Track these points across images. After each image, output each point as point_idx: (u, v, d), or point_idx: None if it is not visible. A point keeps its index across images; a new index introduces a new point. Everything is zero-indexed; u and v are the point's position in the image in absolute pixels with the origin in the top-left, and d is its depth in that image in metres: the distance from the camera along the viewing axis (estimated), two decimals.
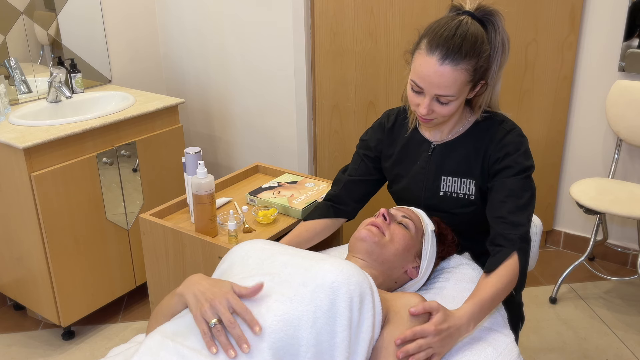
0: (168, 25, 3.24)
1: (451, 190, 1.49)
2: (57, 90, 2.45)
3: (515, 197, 1.38)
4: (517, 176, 1.40)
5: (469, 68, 1.31)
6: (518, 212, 1.38)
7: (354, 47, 2.80)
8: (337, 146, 3.01)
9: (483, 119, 1.47)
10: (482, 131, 1.46)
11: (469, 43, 1.30)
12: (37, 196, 2.10)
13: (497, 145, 1.43)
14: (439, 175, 1.50)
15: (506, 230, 1.36)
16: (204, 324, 1.06)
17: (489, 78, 1.40)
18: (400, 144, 1.57)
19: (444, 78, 1.31)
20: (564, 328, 2.40)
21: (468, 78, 1.33)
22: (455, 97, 1.34)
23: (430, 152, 1.51)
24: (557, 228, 3.00)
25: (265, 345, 1.03)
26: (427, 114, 1.37)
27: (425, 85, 1.34)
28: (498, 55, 1.38)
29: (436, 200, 1.51)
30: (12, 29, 2.50)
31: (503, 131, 1.44)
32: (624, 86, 2.54)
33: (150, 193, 2.53)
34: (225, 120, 3.28)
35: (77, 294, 2.32)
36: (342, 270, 1.12)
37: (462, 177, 1.48)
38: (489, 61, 1.37)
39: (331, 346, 1.08)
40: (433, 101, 1.35)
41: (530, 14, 2.60)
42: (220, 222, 1.84)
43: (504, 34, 1.38)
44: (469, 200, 1.48)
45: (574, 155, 2.83)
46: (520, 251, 1.34)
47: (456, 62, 1.30)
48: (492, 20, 1.38)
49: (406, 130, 1.56)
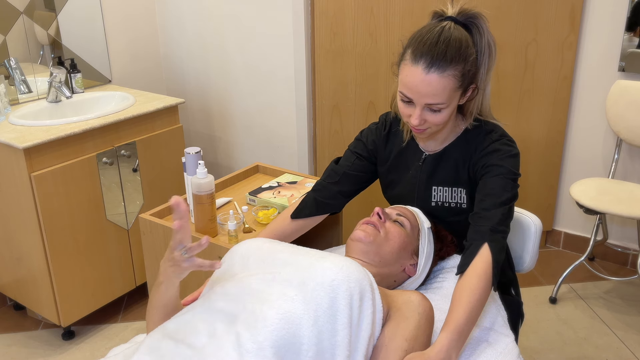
0: (168, 25, 3.24)
1: (442, 200, 1.49)
2: (57, 90, 2.45)
3: (494, 195, 1.35)
4: (499, 176, 1.37)
5: (456, 74, 1.29)
6: (493, 209, 1.33)
7: (354, 47, 2.80)
8: (337, 146, 3.01)
9: (473, 128, 1.45)
10: (469, 140, 1.45)
11: (454, 48, 1.28)
12: (37, 196, 2.10)
13: (480, 153, 1.41)
14: (430, 185, 1.50)
15: (477, 223, 1.33)
16: (185, 262, 1.14)
17: (479, 81, 1.38)
18: (397, 150, 1.56)
19: (431, 87, 1.28)
20: (564, 328, 2.40)
21: (457, 84, 1.31)
22: (446, 104, 1.32)
23: (422, 162, 1.51)
24: (557, 228, 3.00)
25: (267, 343, 1.03)
26: (420, 124, 1.35)
27: (413, 96, 1.31)
28: (485, 58, 1.36)
29: (428, 209, 1.51)
30: (12, 29, 2.50)
31: (489, 140, 1.42)
32: (624, 86, 2.54)
33: (150, 193, 2.53)
34: (225, 120, 3.28)
35: (77, 294, 2.32)
36: (342, 268, 1.12)
37: (453, 186, 1.47)
38: (477, 64, 1.35)
39: (332, 344, 1.08)
40: (424, 110, 1.33)
41: (530, 14, 2.60)
42: (220, 222, 1.84)
43: (489, 36, 1.36)
44: (461, 208, 1.48)
45: (574, 155, 2.83)
46: (491, 243, 1.29)
47: (442, 69, 1.27)
48: (476, 23, 1.35)
49: (401, 138, 1.55)
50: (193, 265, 1.14)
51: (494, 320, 1.36)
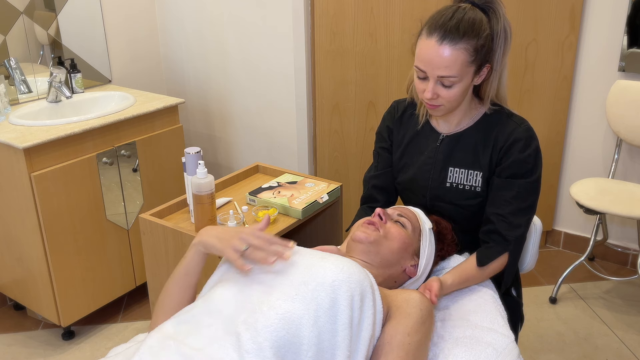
0: (168, 25, 3.24)
1: (457, 182, 1.50)
2: (57, 90, 2.45)
3: (521, 199, 1.42)
4: (525, 179, 1.42)
5: (468, 48, 1.33)
6: (519, 215, 1.42)
7: (353, 47, 2.80)
8: (337, 146, 3.01)
9: (492, 112, 1.48)
10: (491, 123, 1.48)
11: (467, 23, 1.33)
12: (37, 196, 2.10)
13: (506, 137, 1.44)
14: (447, 166, 1.51)
15: (504, 230, 1.41)
16: (235, 253, 1.14)
17: (495, 63, 1.40)
18: (410, 134, 1.58)
19: (443, 58, 1.33)
20: (564, 328, 2.40)
21: (469, 58, 1.34)
22: (458, 78, 1.35)
23: (439, 142, 1.52)
24: (557, 228, 3.00)
25: (267, 344, 1.03)
26: (432, 97, 1.39)
27: (427, 68, 1.36)
28: (501, 41, 1.39)
29: (442, 191, 1.52)
30: (12, 29, 2.50)
31: (513, 124, 1.45)
32: (624, 86, 2.54)
33: (150, 193, 2.53)
34: (225, 120, 3.28)
35: (77, 294, 2.32)
36: (342, 269, 1.12)
37: (470, 168, 1.49)
38: (492, 43, 1.38)
39: (332, 345, 1.08)
40: (437, 85, 1.37)
41: (530, 14, 2.60)
42: (220, 222, 1.84)
43: (506, 21, 1.39)
44: (475, 192, 1.48)
45: (574, 155, 2.83)
46: (512, 253, 1.44)
47: (455, 41, 1.32)
48: (493, 7, 1.39)
49: (416, 122, 1.58)
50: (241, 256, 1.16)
51: (494, 320, 1.36)
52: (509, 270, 1.47)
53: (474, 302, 1.42)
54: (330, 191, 2.03)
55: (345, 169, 3.04)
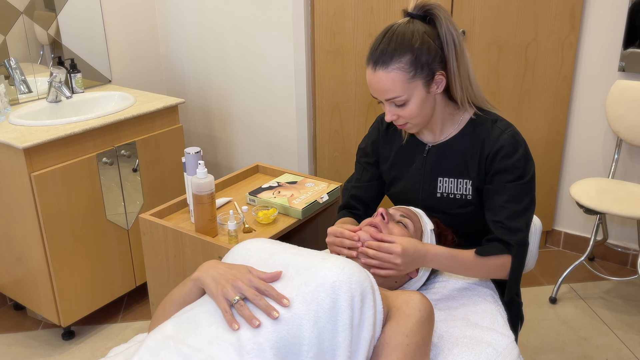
0: (168, 25, 3.24)
1: (448, 191, 1.49)
2: (57, 90, 2.45)
3: (515, 202, 1.40)
4: (517, 181, 1.40)
5: (402, 66, 1.33)
6: (517, 218, 1.40)
7: (354, 47, 2.80)
8: (337, 146, 3.01)
9: (477, 117, 1.47)
10: (476, 130, 1.46)
11: (394, 43, 1.34)
12: (37, 196, 2.10)
13: (492, 144, 1.42)
14: (435, 176, 1.50)
15: (504, 236, 1.40)
16: (226, 302, 1.10)
17: (451, 67, 1.38)
18: (397, 147, 1.58)
19: (381, 83, 1.36)
20: (564, 328, 2.40)
21: (407, 75, 1.34)
22: (406, 96, 1.36)
23: (426, 153, 1.52)
24: (557, 228, 3.00)
25: (267, 344, 1.03)
26: (394, 119, 1.42)
27: (376, 95, 1.40)
28: (450, 45, 1.37)
29: (434, 201, 1.51)
30: (12, 29, 2.50)
31: (498, 130, 1.43)
32: (624, 86, 2.54)
33: (150, 193, 2.53)
34: (225, 120, 3.28)
35: (77, 294, 2.32)
36: (343, 269, 1.12)
37: (459, 177, 1.48)
38: (441, 52, 1.36)
39: (333, 345, 1.08)
40: (392, 107, 1.40)
41: (530, 14, 2.60)
42: (220, 222, 1.84)
43: (450, 24, 1.37)
44: (467, 200, 1.48)
45: (574, 155, 2.83)
46: (515, 257, 1.40)
47: (385, 65, 1.34)
48: (433, 12, 1.37)
49: (400, 136, 1.57)
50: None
51: (494, 320, 1.36)
52: (513, 275, 1.42)
53: (474, 301, 1.42)
54: (330, 191, 2.03)
55: (345, 169, 3.04)
